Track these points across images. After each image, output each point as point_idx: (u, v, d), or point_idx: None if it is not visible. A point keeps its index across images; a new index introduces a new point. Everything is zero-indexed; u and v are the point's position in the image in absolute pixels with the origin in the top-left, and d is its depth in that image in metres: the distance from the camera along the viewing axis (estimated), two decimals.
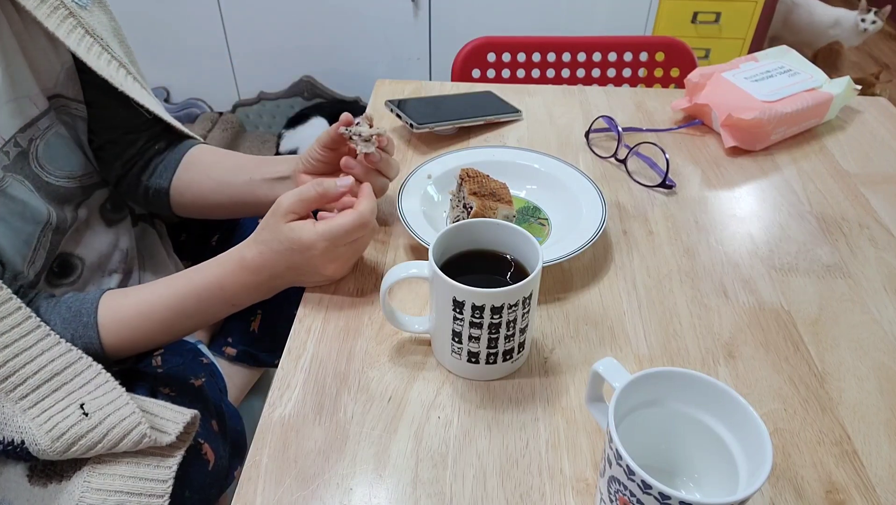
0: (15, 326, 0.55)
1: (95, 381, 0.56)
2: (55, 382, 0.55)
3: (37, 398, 0.55)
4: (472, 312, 0.50)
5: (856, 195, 0.79)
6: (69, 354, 0.56)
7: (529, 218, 0.73)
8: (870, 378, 0.56)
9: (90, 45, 0.69)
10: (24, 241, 0.64)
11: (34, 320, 0.56)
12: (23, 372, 0.55)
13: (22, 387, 0.55)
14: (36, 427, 0.54)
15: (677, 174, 0.82)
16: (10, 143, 0.63)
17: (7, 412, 0.55)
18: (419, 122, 0.85)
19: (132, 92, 0.71)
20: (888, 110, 0.97)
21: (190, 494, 0.62)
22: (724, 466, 0.43)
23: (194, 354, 0.83)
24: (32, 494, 0.57)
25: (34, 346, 0.56)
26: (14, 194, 0.63)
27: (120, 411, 0.55)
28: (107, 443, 0.55)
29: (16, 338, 0.55)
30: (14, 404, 0.55)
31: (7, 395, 0.55)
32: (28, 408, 0.55)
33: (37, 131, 0.67)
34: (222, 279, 0.61)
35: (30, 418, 0.54)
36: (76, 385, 0.56)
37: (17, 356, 0.55)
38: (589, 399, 0.50)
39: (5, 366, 0.54)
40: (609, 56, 1.26)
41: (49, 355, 0.56)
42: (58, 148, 0.69)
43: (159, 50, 2.14)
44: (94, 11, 0.73)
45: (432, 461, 0.50)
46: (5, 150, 0.63)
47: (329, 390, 0.55)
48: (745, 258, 0.69)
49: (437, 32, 2.11)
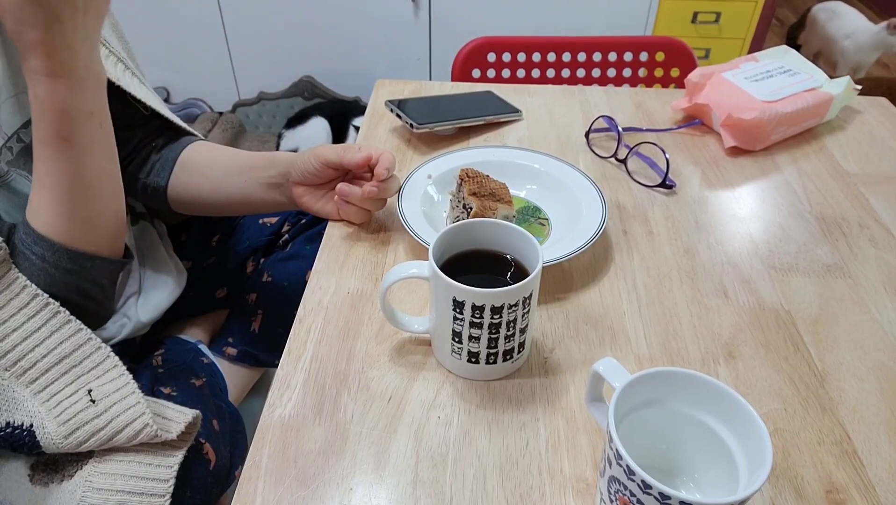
0: (23, 306, 0.55)
1: (104, 365, 0.56)
2: (64, 364, 0.55)
3: (46, 382, 0.55)
4: (473, 312, 0.50)
5: (856, 195, 0.79)
6: (79, 335, 0.56)
7: (529, 218, 0.73)
8: (870, 378, 0.56)
9: None
10: None
11: (42, 298, 0.55)
12: (32, 355, 0.54)
13: (32, 371, 0.54)
14: (46, 411, 0.54)
15: (677, 174, 0.82)
16: (13, 138, 0.63)
17: (18, 396, 0.55)
18: (419, 122, 0.85)
19: (129, 87, 0.71)
20: (888, 110, 0.97)
21: (191, 494, 0.62)
22: (724, 466, 0.43)
23: (195, 354, 0.84)
24: (34, 493, 0.57)
25: (43, 326, 0.55)
26: (18, 189, 0.63)
27: (126, 400, 0.55)
28: (109, 431, 0.55)
29: (24, 320, 0.54)
30: (25, 388, 0.54)
31: (18, 379, 0.54)
32: (38, 392, 0.55)
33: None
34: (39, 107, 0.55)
35: (40, 402, 0.54)
36: (85, 368, 0.55)
37: (25, 339, 0.54)
38: (589, 399, 0.50)
39: (14, 350, 0.54)
40: (609, 56, 1.26)
41: (59, 336, 0.55)
42: None
43: (159, 50, 2.14)
44: None
45: (432, 461, 0.50)
46: (8, 146, 0.63)
47: (329, 390, 0.55)
48: (745, 258, 0.69)
49: (437, 32, 2.11)
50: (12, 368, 0.54)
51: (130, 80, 0.73)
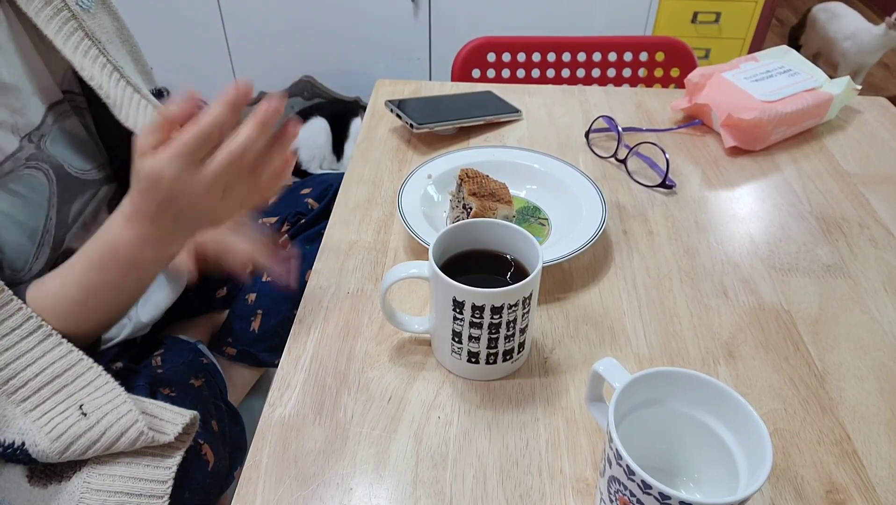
0: (16, 327, 0.55)
1: (95, 382, 0.56)
2: (56, 384, 0.55)
3: (38, 400, 0.55)
4: (472, 312, 0.50)
5: (856, 195, 0.79)
6: (70, 356, 0.56)
7: (529, 218, 0.73)
8: (870, 378, 0.56)
9: (87, 49, 0.69)
10: (29, 236, 0.64)
11: (35, 321, 0.56)
12: (24, 375, 0.55)
13: (23, 389, 0.55)
14: (37, 429, 0.54)
15: (677, 174, 0.82)
16: (36, 132, 0.64)
17: (9, 415, 0.55)
18: (419, 122, 0.85)
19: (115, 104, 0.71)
20: (888, 110, 0.97)
21: (190, 495, 0.62)
22: (724, 466, 0.43)
23: (194, 354, 0.83)
24: (32, 494, 0.57)
25: (35, 347, 0.55)
26: (24, 188, 0.63)
27: (117, 410, 0.55)
28: (104, 441, 0.55)
29: (16, 340, 0.55)
30: (16, 407, 0.55)
31: (9, 397, 0.55)
32: (30, 410, 0.55)
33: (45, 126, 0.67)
34: (113, 240, 0.56)
35: (31, 421, 0.54)
36: (77, 387, 0.56)
37: (18, 358, 0.55)
38: (589, 399, 0.50)
39: (6, 368, 0.54)
40: (609, 56, 1.26)
41: (50, 357, 0.56)
42: (69, 141, 0.70)
43: (159, 50, 2.14)
44: (98, 14, 0.73)
45: (432, 461, 0.50)
46: (32, 140, 0.63)
47: (329, 390, 0.55)
48: (745, 258, 0.69)
49: (437, 32, 2.11)
50: (3, 387, 0.54)
51: (123, 93, 0.73)
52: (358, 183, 0.80)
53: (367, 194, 0.78)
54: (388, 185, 0.80)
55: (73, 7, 0.68)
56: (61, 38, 0.66)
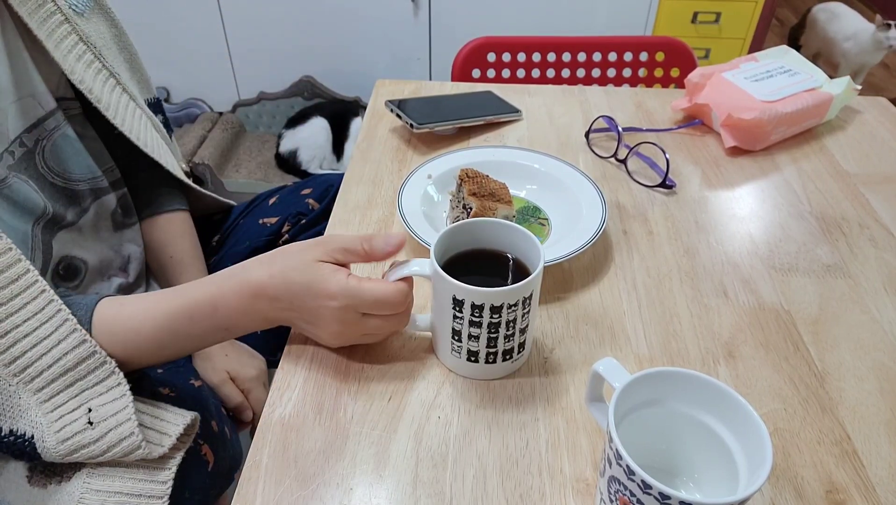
0: (38, 311, 0.54)
1: (107, 382, 0.55)
2: (69, 377, 0.54)
3: (51, 392, 0.54)
4: (472, 310, 0.50)
5: (856, 195, 0.79)
6: (83, 347, 0.54)
7: (529, 218, 0.73)
8: (870, 378, 0.56)
9: (81, 54, 0.69)
10: (22, 240, 0.64)
11: (56, 304, 0.54)
12: (39, 364, 0.54)
13: (39, 379, 0.54)
14: (47, 424, 0.54)
15: (677, 174, 0.82)
16: (15, 143, 0.63)
17: (24, 404, 0.54)
18: (419, 122, 0.85)
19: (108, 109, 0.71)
20: (888, 110, 0.97)
21: (189, 495, 0.62)
22: (724, 466, 0.43)
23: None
24: (32, 494, 0.57)
25: (52, 334, 0.54)
26: (17, 195, 0.63)
27: (121, 428, 0.54)
28: (106, 457, 0.55)
29: (36, 326, 0.54)
30: (31, 396, 0.54)
31: (26, 385, 0.54)
32: (43, 401, 0.54)
33: (43, 132, 0.67)
34: (217, 299, 0.55)
35: (43, 413, 0.54)
36: (89, 382, 0.55)
37: (35, 346, 0.53)
38: (589, 399, 0.50)
39: (24, 356, 0.53)
40: (609, 56, 1.26)
41: (64, 346, 0.54)
42: (64, 149, 0.69)
43: (159, 50, 2.14)
44: (93, 19, 0.73)
45: (432, 461, 0.50)
46: (10, 151, 0.63)
47: (329, 390, 0.55)
48: (745, 258, 0.69)
49: (437, 32, 2.11)
50: (21, 375, 0.54)
51: (118, 98, 0.73)
52: (358, 183, 0.80)
53: (368, 194, 0.78)
54: (388, 185, 0.80)
55: (65, 11, 0.68)
56: (53, 41, 0.66)
